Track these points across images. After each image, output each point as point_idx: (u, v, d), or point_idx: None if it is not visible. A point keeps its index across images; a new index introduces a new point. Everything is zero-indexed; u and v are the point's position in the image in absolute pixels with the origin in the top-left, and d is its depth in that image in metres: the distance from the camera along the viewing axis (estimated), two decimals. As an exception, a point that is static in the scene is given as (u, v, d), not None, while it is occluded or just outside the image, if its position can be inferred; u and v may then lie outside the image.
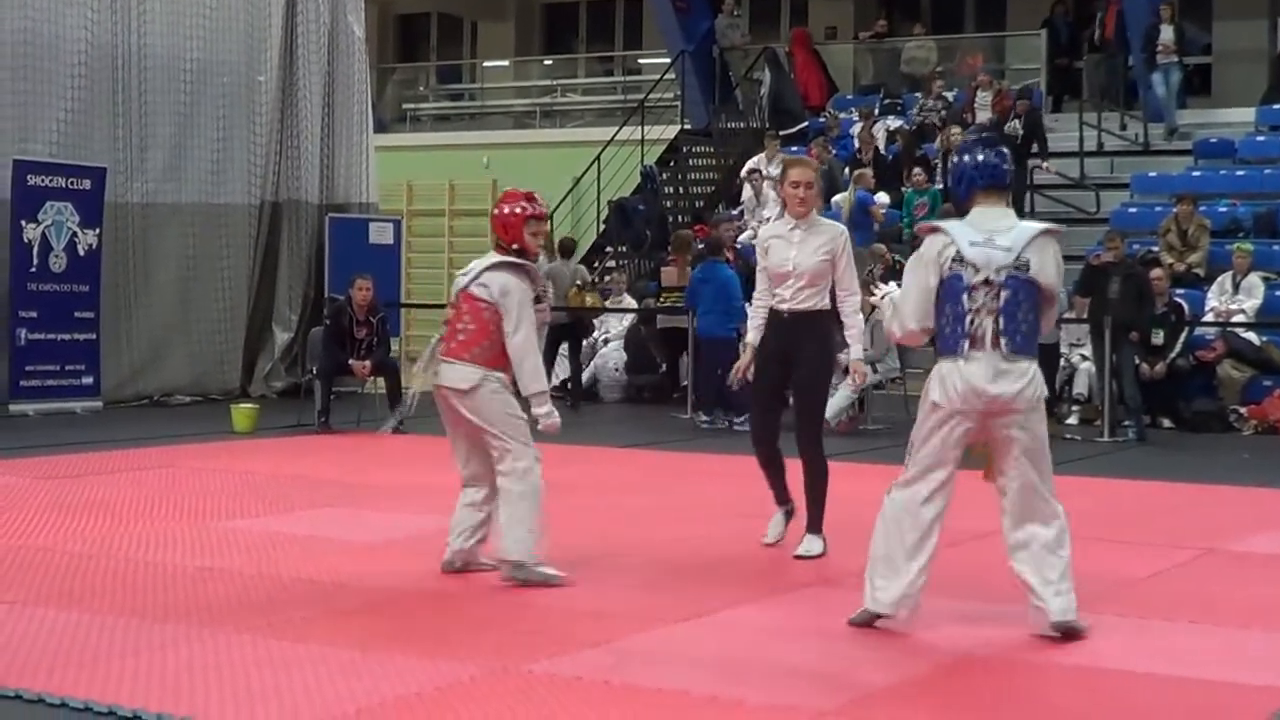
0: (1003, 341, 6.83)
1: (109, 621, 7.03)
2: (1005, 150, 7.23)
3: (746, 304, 16.54)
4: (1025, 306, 6.86)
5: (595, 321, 20.18)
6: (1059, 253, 7.11)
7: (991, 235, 6.91)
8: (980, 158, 7.09)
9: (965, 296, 6.84)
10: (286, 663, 6.33)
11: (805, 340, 8.91)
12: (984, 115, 23.10)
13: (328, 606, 7.47)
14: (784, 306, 8.90)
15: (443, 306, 23.06)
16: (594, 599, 7.78)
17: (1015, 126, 20.82)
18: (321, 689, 5.92)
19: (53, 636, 6.76)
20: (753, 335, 9.11)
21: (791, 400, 9.27)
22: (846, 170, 22.12)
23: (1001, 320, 6.82)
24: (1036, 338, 6.98)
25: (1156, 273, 16.84)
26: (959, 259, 6.86)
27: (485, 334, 8.03)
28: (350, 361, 15.63)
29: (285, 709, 5.62)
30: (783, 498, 9.34)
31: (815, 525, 9.05)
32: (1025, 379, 6.86)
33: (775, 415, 9.23)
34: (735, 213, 21.95)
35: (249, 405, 16.20)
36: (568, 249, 20.50)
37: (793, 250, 8.87)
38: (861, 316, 9.12)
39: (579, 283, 19.57)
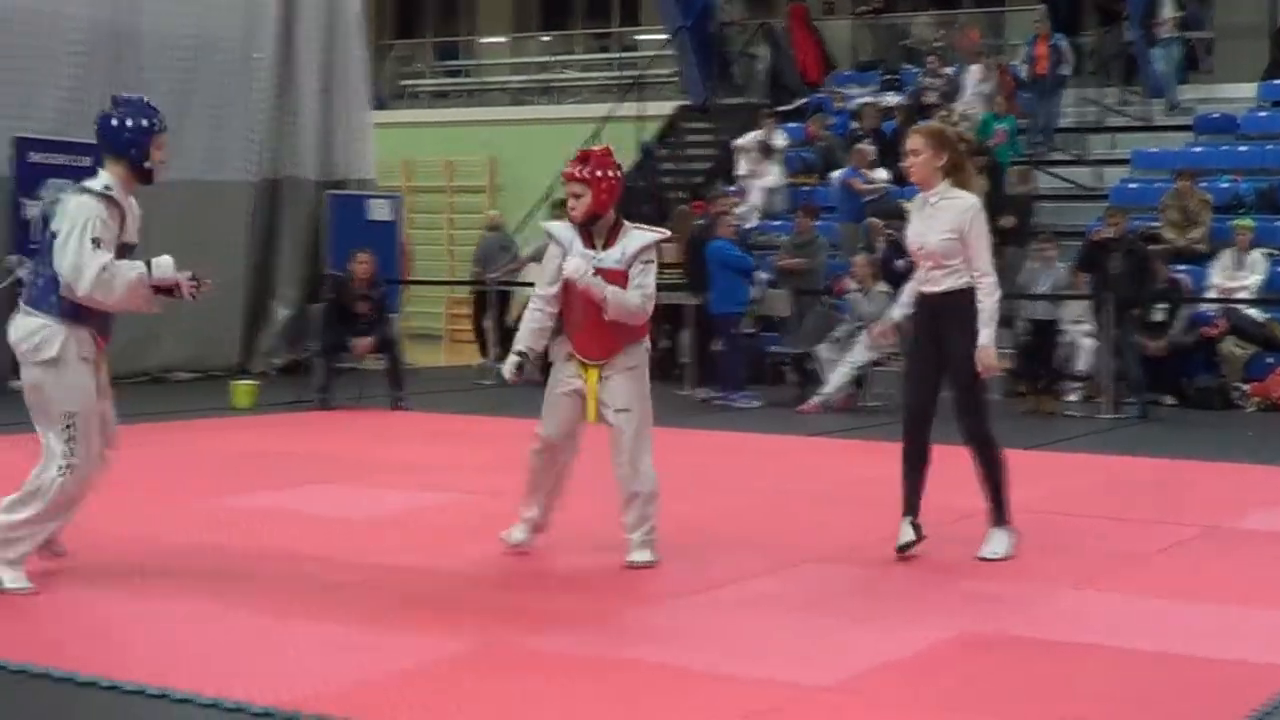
0: None
1: (106, 597, 7.02)
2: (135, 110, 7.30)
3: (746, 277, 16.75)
4: None
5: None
6: None
7: None
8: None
9: None
10: (283, 638, 6.32)
11: (950, 323, 8.11)
12: (985, 88, 22.89)
13: (326, 581, 7.45)
14: (925, 288, 8.26)
15: (442, 283, 23.00)
16: (592, 573, 7.77)
17: (981, 182, 20.47)
18: (319, 664, 5.91)
19: (52, 613, 6.74)
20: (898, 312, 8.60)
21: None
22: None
23: None
24: None
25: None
26: None
27: None
28: (352, 340, 15.59)
29: (281, 684, 5.60)
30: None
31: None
32: None
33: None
34: (733, 189, 21.91)
35: (249, 382, 16.19)
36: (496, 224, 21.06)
37: (920, 225, 8.26)
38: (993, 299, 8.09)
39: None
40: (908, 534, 8.22)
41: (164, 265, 7.15)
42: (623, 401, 7.83)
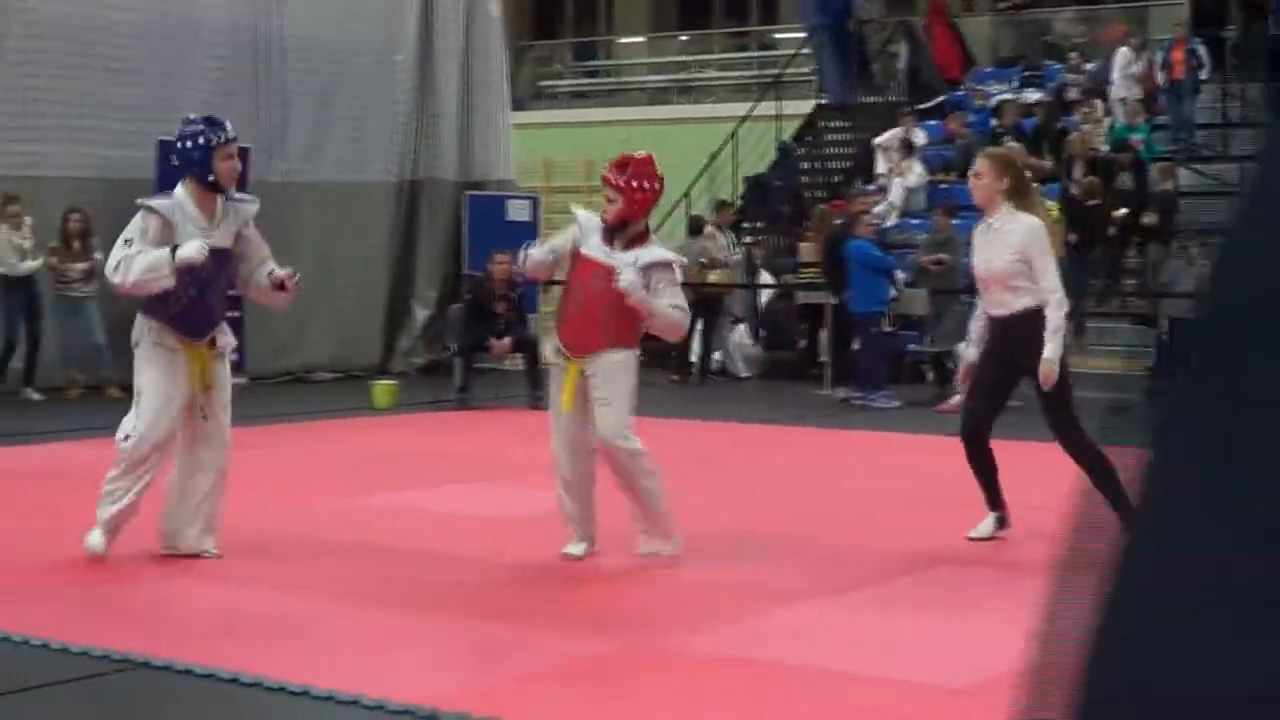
0: None
1: (247, 595, 7.13)
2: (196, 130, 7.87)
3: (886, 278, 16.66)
4: None
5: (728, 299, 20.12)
6: None
7: None
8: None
9: None
10: (422, 636, 6.38)
11: (1020, 343, 8.21)
12: (1135, 69, 22.40)
13: (465, 581, 7.52)
14: (994, 312, 8.40)
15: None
16: (729, 575, 7.77)
17: (1126, 179, 20.11)
18: (458, 662, 5.96)
19: (192, 611, 6.87)
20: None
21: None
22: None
23: None
24: None
25: None
26: None
27: None
28: (491, 341, 15.73)
29: (420, 682, 5.65)
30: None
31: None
32: None
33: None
34: (873, 187, 21.79)
35: (389, 381, 16.36)
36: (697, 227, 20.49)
37: (986, 251, 8.40)
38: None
39: (702, 260, 19.48)
40: (986, 528, 8.66)
41: (187, 249, 7.68)
42: (603, 393, 7.85)
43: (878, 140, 22.69)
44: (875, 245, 16.99)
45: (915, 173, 21.89)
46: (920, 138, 22.37)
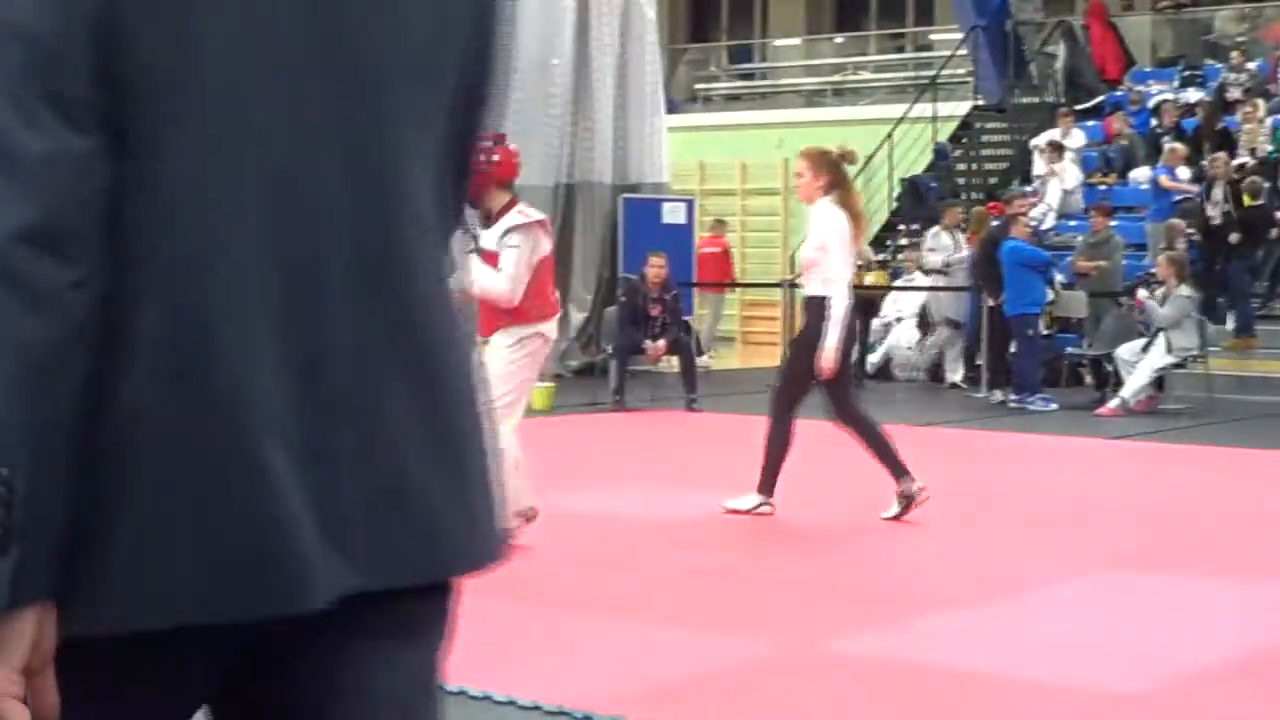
0: None
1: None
2: None
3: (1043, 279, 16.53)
4: None
5: (887, 300, 20.05)
6: None
7: None
8: None
9: None
10: (579, 639, 6.45)
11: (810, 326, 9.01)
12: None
13: (618, 582, 7.58)
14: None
15: (738, 286, 22.98)
16: (888, 578, 7.78)
17: None
18: (612, 665, 6.01)
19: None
20: None
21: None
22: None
23: None
24: None
25: None
26: None
27: None
28: (645, 343, 15.82)
29: (576, 684, 5.71)
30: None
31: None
32: None
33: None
34: (1030, 189, 21.61)
35: (546, 384, 16.48)
36: None
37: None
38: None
39: (858, 263, 19.35)
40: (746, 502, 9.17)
41: None
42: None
43: (1035, 141, 22.50)
44: (1031, 247, 16.86)
45: (1071, 174, 21.69)
46: (1079, 138, 22.14)
